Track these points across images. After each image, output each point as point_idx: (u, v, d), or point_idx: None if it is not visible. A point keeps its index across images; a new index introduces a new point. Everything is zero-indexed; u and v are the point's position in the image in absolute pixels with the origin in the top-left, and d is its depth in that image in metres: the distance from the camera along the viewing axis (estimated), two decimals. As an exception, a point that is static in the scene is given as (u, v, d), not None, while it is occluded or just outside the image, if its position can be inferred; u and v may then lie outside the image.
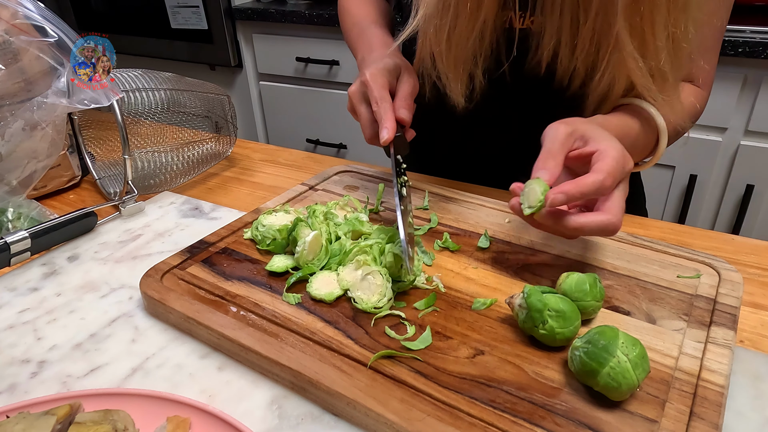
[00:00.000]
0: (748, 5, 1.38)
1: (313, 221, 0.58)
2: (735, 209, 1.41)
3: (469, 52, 0.62)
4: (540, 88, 0.65)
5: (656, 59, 0.55)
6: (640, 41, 0.54)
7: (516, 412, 0.39)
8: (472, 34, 0.60)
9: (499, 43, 0.63)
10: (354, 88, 0.64)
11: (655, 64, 0.56)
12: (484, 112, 0.69)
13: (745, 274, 0.56)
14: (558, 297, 0.45)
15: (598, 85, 0.60)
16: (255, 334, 0.46)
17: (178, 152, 0.77)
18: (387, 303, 0.49)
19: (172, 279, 0.54)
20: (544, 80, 0.64)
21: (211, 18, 1.88)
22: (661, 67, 0.56)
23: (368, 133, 0.62)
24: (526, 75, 0.65)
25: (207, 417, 0.39)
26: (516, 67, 0.64)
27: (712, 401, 0.39)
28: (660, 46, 0.55)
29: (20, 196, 0.68)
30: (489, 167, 0.78)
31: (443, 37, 0.60)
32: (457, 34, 0.60)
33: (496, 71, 0.65)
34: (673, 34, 0.54)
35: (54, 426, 0.36)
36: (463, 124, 0.73)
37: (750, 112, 1.31)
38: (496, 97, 0.68)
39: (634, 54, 0.55)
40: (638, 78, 0.56)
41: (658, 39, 0.54)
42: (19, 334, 0.51)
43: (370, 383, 0.41)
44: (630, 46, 0.54)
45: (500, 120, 0.73)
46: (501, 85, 0.66)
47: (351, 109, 0.66)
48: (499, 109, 0.71)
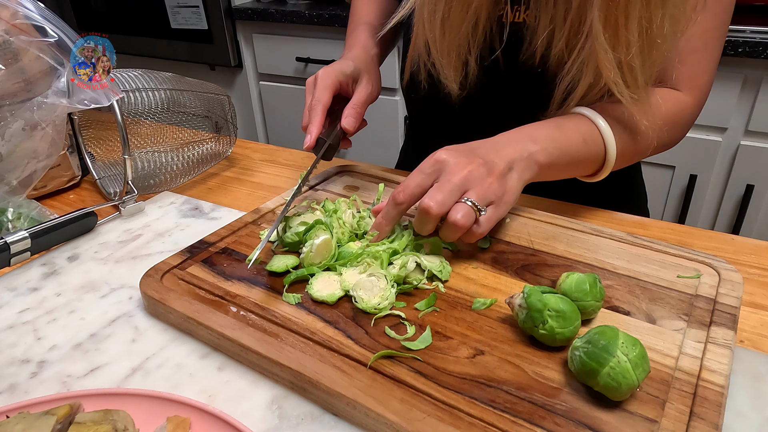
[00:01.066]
0: (748, 5, 1.38)
1: (331, 221, 0.58)
2: (735, 209, 1.41)
3: (462, 39, 0.62)
4: (535, 78, 0.65)
5: (626, 53, 0.55)
6: (613, 33, 0.54)
7: (516, 412, 0.39)
8: (465, 21, 0.61)
9: (492, 32, 0.64)
10: (310, 80, 0.68)
11: (624, 58, 0.55)
12: (479, 101, 0.70)
13: (745, 274, 0.56)
14: (558, 297, 0.45)
15: (567, 74, 0.59)
16: (255, 334, 0.46)
17: (178, 152, 0.77)
18: (387, 305, 0.49)
19: (172, 279, 0.54)
20: (538, 70, 0.63)
21: (211, 18, 1.88)
22: (630, 62, 0.55)
23: (303, 121, 0.66)
24: (520, 65, 0.65)
25: (207, 417, 0.39)
26: (511, 56, 0.64)
27: (712, 401, 0.39)
28: (632, 39, 0.54)
29: (20, 196, 0.68)
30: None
31: (437, 24, 0.61)
32: (451, 21, 0.60)
33: (489, 59, 0.65)
34: (647, 29, 0.54)
35: (54, 426, 0.36)
36: (458, 114, 0.73)
37: (750, 112, 1.31)
38: (491, 86, 0.68)
39: (605, 45, 0.54)
40: (607, 71, 0.56)
41: (630, 32, 0.53)
42: (19, 334, 0.51)
43: (370, 383, 0.41)
44: (602, 37, 0.54)
45: (495, 109, 0.73)
46: (496, 74, 0.66)
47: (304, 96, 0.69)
48: (494, 99, 0.71)
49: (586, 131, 0.61)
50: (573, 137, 0.60)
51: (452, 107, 0.69)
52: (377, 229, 0.56)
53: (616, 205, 0.69)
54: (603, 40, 0.54)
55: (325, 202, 0.63)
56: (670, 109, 0.63)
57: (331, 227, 0.56)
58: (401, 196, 0.53)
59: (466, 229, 0.52)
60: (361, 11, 0.81)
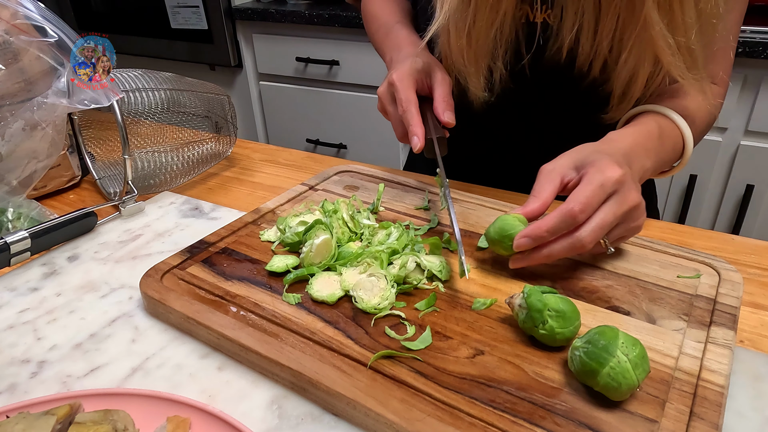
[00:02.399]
0: (749, 5, 1.37)
1: (331, 222, 0.58)
2: (735, 209, 1.41)
3: (489, 46, 0.62)
4: (560, 76, 0.64)
5: (686, 36, 0.54)
6: (669, 18, 0.53)
7: (516, 412, 0.39)
8: (491, 29, 0.60)
9: (518, 36, 0.63)
10: (382, 89, 0.64)
11: (684, 41, 0.55)
12: (504, 106, 0.69)
13: (745, 274, 0.56)
14: (558, 297, 0.45)
15: (623, 67, 0.59)
16: (255, 334, 0.46)
17: (178, 152, 0.77)
18: (387, 305, 0.49)
19: (172, 279, 0.54)
20: (564, 68, 0.63)
21: (211, 18, 1.88)
22: (691, 44, 0.55)
23: (398, 132, 0.63)
24: (546, 64, 0.64)
25: (207, 417, 0.39)
26: (536, 57, 0.64)
27: (712, 401, 0.39)
28: (689, 22, 0.54)
29: (20, 196, 0.68)
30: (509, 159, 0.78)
31: (463, 33, 0.60)
32: (477, 29, 0.60)
33: (516, 64, 0.64)
34: (703, 10, 0.54)
35: (54, 426, 0.36)
36: (483, 117, 0.73)
37: (750, 112, 1.31)
38: (517, 89, 0.67)
39: (663, 31, 0.54)
40: (667, 56, 0.55)
41: (687, 15, 0.53)
42: (19, 334, 0.51)
43: (370, 383, 0.41)
44: (660, 24, 0.53)
45: (520, 112, 0.73)
46: (521, 76, 0.66)
47: (381, 109, 0.66)
48: (520, 101, 0.71)
49: (676, 139, 0.61)
50: (668, 147, 0.61)
51: (476, 112, 0.69)
52: (537, 241, 0.49)
53: None
54: (661, 27, 0.53)
55: (324, 202, 0.63)
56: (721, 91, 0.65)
57: (331, 227, 0.56)
58: (583, 216, 0.48)
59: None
60: (384, 15, 0.79)
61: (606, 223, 0.48)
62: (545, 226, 0.48)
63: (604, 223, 0.48)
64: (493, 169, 0.80)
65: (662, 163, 0.61)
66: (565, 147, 0.55)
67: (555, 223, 0.48)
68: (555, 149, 0.56)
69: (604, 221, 0.48)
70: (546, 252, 0.50)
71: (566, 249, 0.49)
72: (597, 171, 0.49)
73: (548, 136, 0.73)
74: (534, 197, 0.52)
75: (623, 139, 0.56)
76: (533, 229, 0.49)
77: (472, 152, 0.81)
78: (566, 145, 0.56)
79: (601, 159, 0.50)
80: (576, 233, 0.48)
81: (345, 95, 1.83)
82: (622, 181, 0.49)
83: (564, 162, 0.53)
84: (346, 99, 1.84)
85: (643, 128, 0.59)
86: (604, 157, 0.51)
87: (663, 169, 0.63)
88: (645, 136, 0.58)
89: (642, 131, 0.58)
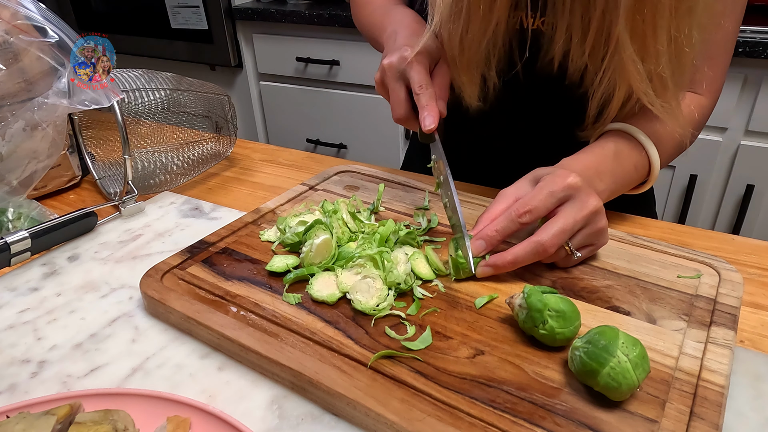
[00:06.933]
0: (749, 5, 1.37)
1: (331, 222, 0.58)
2: (735, 209, 1.41)
3: (482, 54, 0.61)
4: (552, 86, 0.64)
5: (656, 64, 0.54)
6: (641, 44, 0.53)
7: (516, 412, 0.39)
8: (484, 37, 0.59)
9: (511, 44, 0.63)
10: (391, 62, 0.58)
11: (654, 69, 0.54)
12: (498, 113, 0.69)
13: (745, 274, 0.56)
14: (558, 297, 0.45)
15: (599, 87, 0.59)
16: (255, 334, 0.46)
17: (178, 152, 0.77)
18: (387, 305, 0.49)
19: (172, 279, 0.54)
20: (556, 78, 0.63)
21: (211, 18, 1.88)
22: (661, 72, 0.54)
23: (399, 111, 0.59)
24: (538, 73, 0.64)
25: (207, 417, 0.39)
26: (528, 66, 0.64)
27: (712, 401, 0.39)
28: (661, 50, 0.53)
29: (20, 196, 0.68)
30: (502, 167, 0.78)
31: (456, 42, 0.60)
32: (470, 38, 0.59)
33: (509, 72, 0.64)
34: (676, 38, 0.53)
35: (54, 426, 0.36)
36: (476, 125, 0.73)
37: (750, 112, 1.31)
38: (509, 96, 0.67)
39: (633, 57, 0.53)
40: (636, 82, 0.55)
41: (659, 43, 0.53)
42: (19, 334, 0.51)
43: (370, 383, 0.41)
44: (630, 48, 0.53)
45: (514, 119, 0.73)
46: (514, 84, 0.66)
47: (380, 82, 0.61)
48: (512, 108, 0.71)
49: (637, 160, 0.61)
50: (628, 167, 0.61)
51: (470, 118, 0.69)
52: (488, 242, 0.52)
53: (625, 207, 0.69)
54: (631, 51, 0.53)
55: (324, 202, 0.63)
56: (692, 113, 0.63)
57: (331, 227, 0.56)
58: (528, 218, 0.51)
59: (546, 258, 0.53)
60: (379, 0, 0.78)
61: (567, 226, 0.50)
62: (494, 226, 0.52)
63: (565, 226, 0.50)
64: (485, 174, 0.80)
65: (621, 184, 0.60)
66: (557, 153, 0.56)
67: (503, 223, 0.52)
68: (547, 155, 0.56)
69: (565, 225, 0.50)
70: (511, 258, 0.51)
71: (530, 253, 0.51)
72: (549, 180, 0.52)
73: (541, 143, 0.74)
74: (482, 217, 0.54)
75: (574, 165, 0.57)
76: (483, 232, 0.53)
77: (464, 157, 0.81)
78: (558, 152, 0.56)
79: (555, 170, 0.53)
80: (537, 237, 0.50)
81: (345, 95, 1.83)
82: (574, 186, 0.51)
83: (520, 183, 0.56)
84: (346, 99, 1.84)
85: (598, 150, 0.60)
86: (558, 169, 0.53)
87: (623, 190, 0.62)
88: (598, 158, 0.59)
89: (596, 153, 0.60)
